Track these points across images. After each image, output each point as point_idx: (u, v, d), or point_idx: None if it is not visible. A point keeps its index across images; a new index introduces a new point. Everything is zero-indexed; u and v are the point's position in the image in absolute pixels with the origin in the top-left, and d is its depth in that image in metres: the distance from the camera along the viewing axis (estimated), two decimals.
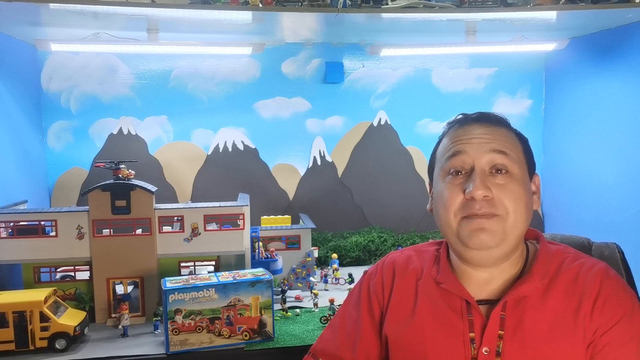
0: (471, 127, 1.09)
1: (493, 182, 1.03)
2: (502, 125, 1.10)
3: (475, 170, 1.04)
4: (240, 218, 2.07)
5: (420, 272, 1.17)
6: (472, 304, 1.05)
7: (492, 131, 1.07)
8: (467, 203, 1.03)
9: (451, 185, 1.06)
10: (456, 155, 1.06)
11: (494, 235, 1.02)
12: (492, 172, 1.04)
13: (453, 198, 1.05)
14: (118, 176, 1.98)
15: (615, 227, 2.45)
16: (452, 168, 1.07)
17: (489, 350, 1.01)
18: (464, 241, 1.04)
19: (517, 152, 1.07)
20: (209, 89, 2.78)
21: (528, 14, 2.06)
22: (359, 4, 2.00)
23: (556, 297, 1.02)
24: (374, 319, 1.19)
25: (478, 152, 1.05)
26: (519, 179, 1.04)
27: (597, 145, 2.57)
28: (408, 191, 2.95)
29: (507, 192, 1.02)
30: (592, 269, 1.04)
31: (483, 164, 1.04)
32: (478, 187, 1.01)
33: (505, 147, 1.05)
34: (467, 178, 1.04)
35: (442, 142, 1.14)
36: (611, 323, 0.97)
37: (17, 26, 2.18)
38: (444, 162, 1.09)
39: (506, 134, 1.09)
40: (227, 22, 2.12)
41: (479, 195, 1.01)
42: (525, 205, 1.04)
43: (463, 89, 2.96)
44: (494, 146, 1.05)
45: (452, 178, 1.06)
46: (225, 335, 1.73)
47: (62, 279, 2.01)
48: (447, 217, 1.06)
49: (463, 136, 1.08)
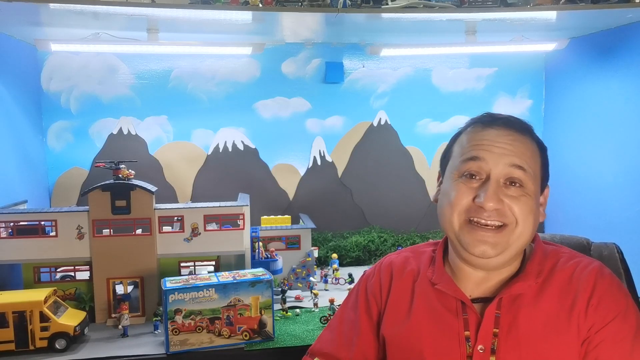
0: (494, 131, 1.06)
1: (505, 194, 1.02)
2: (526, 134, 1.07)
3: (490, 180, 1.02)
4: (240, 218, 2.07)
5: (417, 273, 1.17)
6: (466, 304, 1.06)
7: (514, 141, 1.05)
8: (475, 208, 1.02)
9: (463, 186, 1.05)
10: (474, 160, 1.04)
11: (496, 247, 1.02)
12: (507, 184, 1.03)
13: (461, 199, 1.04)
14: (118, 176, 1.99)
15: (615, 227, 2.45)
16: (467, 171, 1.05)
17: (484, 348, 1.02)
18: (464, 246, 1.05)
19: (534, 167, 1.06)
20: (209, 89, 2.78)
21: (528, 14, 2.06)
22: (359, 4, 2.00)
23: (551, 295, 1.03)
24: (372, 319, 1.19)
25: (497, 163, 1.03)
26: (531, 193, 1.04)
27: (597, 145, 2.57)
28: (408, 191, 2.95)
29: (518, 205, 1.02)
30: (587, 268, 1.05)
31: (499, 175, 1.03)
32: (490, 199, 1.00)
33: (524, 163, 1.03)
34: (480, 184, 1.03)
35: (460, 138, 1.11)
36: (606, 321, 0.98)
37: (17, 26, 2.18)
38: (460, 164, 1.06)
39: (528, 145, 1.06)
40: (227, 22, 2.12)
41: (489, 207, 1.01)
42: (534, 219, 1.04)
43: (463, 89, 2.95)
44: (513, 160, 1.03)
45: (465, 180, 1.05)
46: (225, 335, 1.73)
47: (62, 279, 2.01)
48: (451, 216, 1.05)
49: (484, 141, 1.05)
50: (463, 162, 1.06)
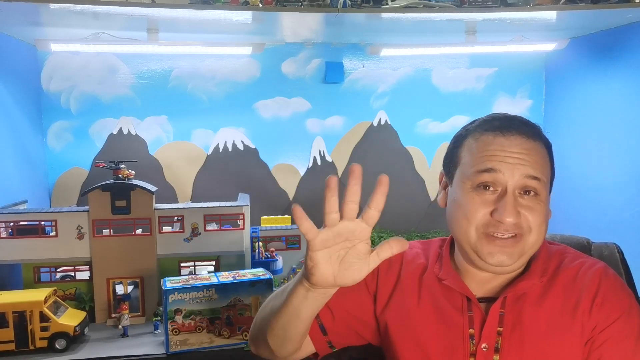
0: (507, 141, 1.03)
1: (521, 204, 1.01)
2: (537, 139, 1.06)
3: (507, 194, 1.00)
4: (240, 218, 2.07)
5: (425, 267, 1.17)
6: (472, 301, 1.06)
7: (529, 150, 1.03)
8: (493, 222, 1.01)
9: (478, 199, 1.02)
10: (489, 172, 1.02)
11: (512, 256, 1.01)
12: (521, 193, 1.02)
13: (477, 212, 1.02)
14: (118, 176, 1.99)
15: (615, 227, 2.45)
16: (482, 183, 1.03)
17: (488, 347, 1.02)
18: (481, 256, 1.03)
19: (547, 174, 1.05)
20: (209, 89, 2.78)
21: (528, 14, 2.06)
22: (359, 4, 2.00)
23: (555, 295, 1.03)
24: (369, 286, 1.17)
25: (512, 174, 1.01)
26: (544, 199, 1.04)
27: (597, 145, 2.57)
28: (408, 191, 2.95)
29: (533, 214, 1.01)
30: (591, 268, 1.05)
31: (515, 186, 1.01)
32: (510, 214, 0.99)
33: (538, 172, 1.02)
34: (496, 197, 1.01)
35: (469, 141, 1.08)
36: (610, 320, 0.98)
37: (17, 26, 2.18)
38: (473, 174, 1.03)
39: (540, 152, 1.05)
40: (227, 22, 2.12)
41: (509, 223, 1.00)
42: (546, 224, 1.04)
43: (463, 89, 2.95)
44: (529, 171, 1.01)
45: (480, 192, 1.03)
46: (225, 335, 1.73)
47: (62, 279, 2.01)
48: (468, 229, 1.03)
49: (497, 151, 1.02)
50: (477, 174, 1.03)
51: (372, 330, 1.19)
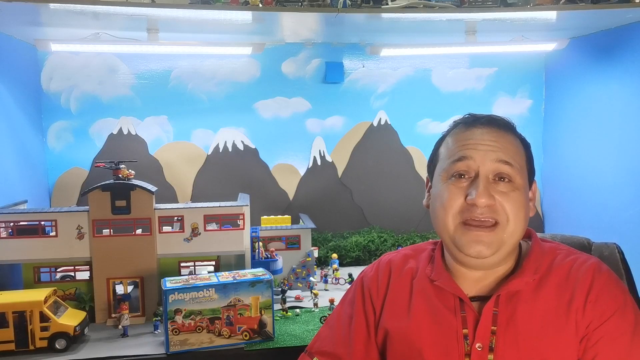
0: (478, 130, 1.08)
1: (496, 190, 1.03)
2: (509, 131, 1.10)
3: (479, 176, 1.04)
4: (240, 218, 2.07)
5: (416, 271, 1.18)
6: (465, 301, 1.07)
7: (498, 137, 1.07)
8: (468, 207, 1.03)
9: (453, 188, 1.06)
10: (461, 160, 1.06)
11: (491, 246, 1.03)
12: (495, 180, 1.05)
13: (453, 200, 1.05)
14: (118, 176, 1.98)
15: (615, 227, 2.45)
16: (456, 172, 1.06)
17: (482, 346, 1.02)
18: (459, 248, 1.05)
19: (520, 162, 1.08)
20: (209, 89, 2.78)
21: (528, 14, 2.06)
22: (359, 4, 2.00)
23: (548, 292, 1.03)
24: (368, 316, 1.19)
25: (484, 159, 1.04)
26: (520, 187, 1.05)
27: (596, 145, 2.57)
28: (408, 191, 2.95)
29: (509, 200, 1.03)
30: (584, 264, 1.05)
31: (487, 171, 1.04)
32: (482, 195, 1.01)
33: (510, 158, 1.05)
34: (470, 183, 1.05)
35: (446, 140, 1.14)
36: (604, 317, 0.98)
37: (17, 26, 2.18)
38: (448, 165, 1.08)
39: (512, 141, 1.08)
40: (227, 22, 2.12)
41: (482, 203, 1.02)
42: (525, 213, 1.06)
43: (463, 89, 2.96)
44: (500, 156, 1.04)
45: (455, 180, 1.06)
46: (225, 335, 1.73)
47: (62, 279, 2.01)
48: (445, 219, 1.06)
49: (469, 140, 1.07)
50: (451, 164, 1.07)
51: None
